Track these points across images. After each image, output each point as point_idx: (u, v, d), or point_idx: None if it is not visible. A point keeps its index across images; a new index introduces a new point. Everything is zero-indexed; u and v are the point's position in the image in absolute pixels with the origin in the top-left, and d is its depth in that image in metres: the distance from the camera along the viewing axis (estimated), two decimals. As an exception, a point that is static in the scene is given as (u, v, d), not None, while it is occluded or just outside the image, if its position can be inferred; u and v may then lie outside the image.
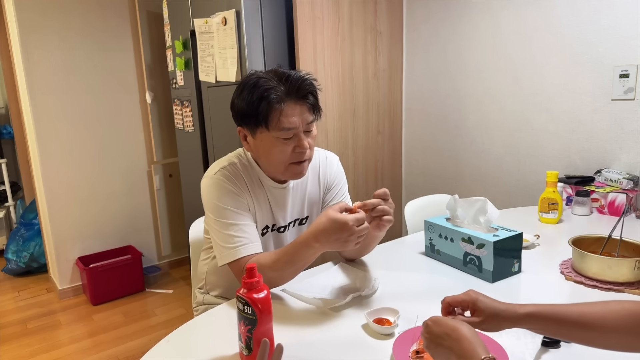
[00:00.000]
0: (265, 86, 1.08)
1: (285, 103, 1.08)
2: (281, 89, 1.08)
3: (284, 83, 1.09)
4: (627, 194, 1.67)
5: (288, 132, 1.10)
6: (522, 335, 0.90)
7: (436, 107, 2.55)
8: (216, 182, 1.17)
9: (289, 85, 1.09)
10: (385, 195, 1.06)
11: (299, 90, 1.09)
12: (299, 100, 1.10)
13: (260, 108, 1.07)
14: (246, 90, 1.10)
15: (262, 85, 1.08)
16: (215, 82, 2.27)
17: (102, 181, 3.12)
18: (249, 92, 1.09)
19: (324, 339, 0.94)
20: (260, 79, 1.10)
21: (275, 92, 1.07)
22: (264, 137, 1.12)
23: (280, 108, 1.07)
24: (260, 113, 1.08)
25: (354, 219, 0.97)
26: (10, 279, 3.38)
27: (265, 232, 1.26)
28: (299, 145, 1.12)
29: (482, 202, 1.27)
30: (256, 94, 1.08)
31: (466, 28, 2.32)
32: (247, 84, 1.11)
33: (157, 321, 2.72)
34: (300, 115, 1.10)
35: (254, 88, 1.09)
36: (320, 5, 2.20)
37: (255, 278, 0.84)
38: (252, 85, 1.09)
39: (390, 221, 1.05)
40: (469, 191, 2.42)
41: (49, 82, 2.85)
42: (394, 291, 1.15)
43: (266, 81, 1.09)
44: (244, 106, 1.11)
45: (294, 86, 1.09)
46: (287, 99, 1.08)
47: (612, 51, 1.81)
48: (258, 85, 1.08)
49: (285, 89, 1.08)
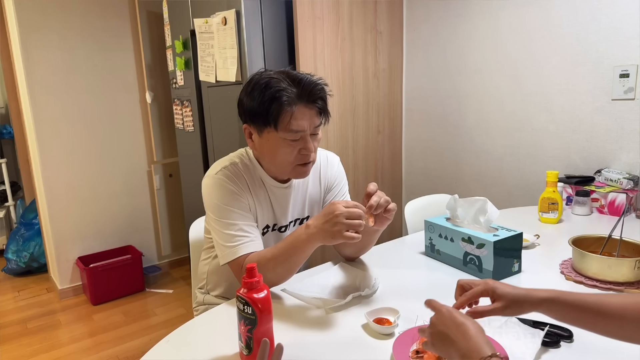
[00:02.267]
0: (277, 87, 1.08)
1: (296, 106, 1.08)
2: (293, 91, 1.08)
3: (296, 86, 1.09)
4: (627, 194, 1.67)
5: (296, 134, 1.11)
6: (522, 335, 0.90)
7: (436, 107, 2.55)
8: (217, 182, 1.17)
9: (301, 89, 1.09)
10: (376, 189, 1.08)
11: (310, 94, 1.10)
12: (310, 104, 1.10)
13: (271, 108, 1.08)
14: (257, 89, 1.10)
15: (274, 86, 1.08)
16: (215, 82, 2.26)
17: (102, 181, 3.12)
18: (260, 92, 1.09)
19: (324, 339, 0.94)
20: (272, 79, 1.10)
21: (287, 94, 1.07)
22: (271, 137, 1.12)
23: (291, 110, 1.08)
24: (270, 113, 1.08)
25: (345, 207, 0.99)
26: (10, 279, 3.38)
27: (265, 232, 1.26)
28: (305, 147, 1.13)
29: (482, 202, 1.27)
30: (268, 94, 1.08)
31: (466, 28, 2.32)
32: (258, 83, 1.11)
33: (157, 321, 2.72)
34: (309, 119, 1.11)
35: (265, 88, 1.09)
36: (320, 5, 2.20)
37: (255, 278, 0.84)
38: (264, 85, 1.09)
39: (395, 208, 1.08)
40: (469, 191, 2.42)
41: (49, 82, 2.85)
42: (394, 291, 1.15)
43: (278, 82, 1.09)
44: (254, 105, 1.10)
45: (306, 90, 1.09)
46: (299, 101, 1.09)
47: (612, 51, 1.80)
48: (270, 86, 1.08)
49: (298, 91, 1.09)
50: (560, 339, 0.89)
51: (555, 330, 0.90)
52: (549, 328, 0.90)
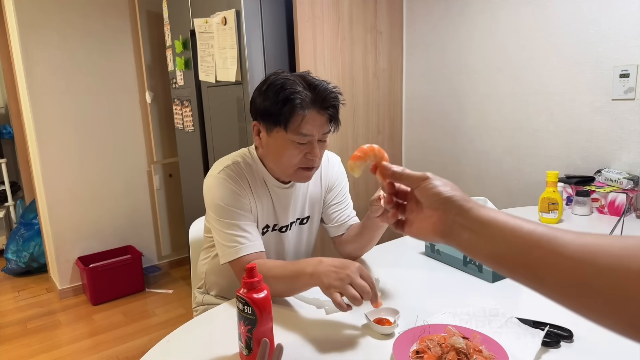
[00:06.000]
0: (292, 89, 1.09)
1: (308, 110, 1.10)
2: (308, 95, 1.10)
3: (311, 90, 1.11)
4: (627, 194, 1.67)
5: (304, 137, 1.12)
6: (522, 335, 0.90)
7: (436, 107, 2.55)
8: (219, 182, 1.18)
9: (315, 94, 1.11)
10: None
11: (324, 101, 1.11)
12: (322, 110, 1.12)
13: (284, 110, 1.09)
14: (272, 89, 1.12)
15: (288, 87, 1.10)
16: (215, 81, 2.26)
17: (102, 181, 3.12)
18: (274, 93, 1.11)
19: (324, 339, 0.94)
20: (287, 80, 1.11)
21: (301, 97, 1.09)
22: (279, 137, 1.13)
23: (303, 114, 1.09)
24: (282, 114, 1.09)
25: (361, 275, 0.93)
26: (10, 279, 3.38)
27: (265, 231, 1.26)
28: (311, 152, 1.14)
29: (482, 202, 1.26)
30: (282, 95, 1.09)
31: (466, 28, 2.32)
32: (274, 83, 1.12)
33: (157, 321, 2.72)
34: (319, 125, 1.12)
35: (281, 89, 1.10)
36: (320, 5, 2.20)
37: (256, 278, 0.84)
38: (279, 86, 1.10)
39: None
40: (469, 191, 2.41)
41: (49, 82, 2.85)
42: (394, 291, 1.15)
43: (293, 84, 1.10)
44: (267, 104, 1.12)
45: (320, 96, 1.11)
46: (312, 106, 1.10)
47: (612, 51, 1.80)
48: (285, 87, 1.10)
49: (312, 96, 1.10)
50: (560, 339, 0.89)
51: (555, 331, 0.90)
52: (549, 328, 0.90)
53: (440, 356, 0.81)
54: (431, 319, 0.95)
